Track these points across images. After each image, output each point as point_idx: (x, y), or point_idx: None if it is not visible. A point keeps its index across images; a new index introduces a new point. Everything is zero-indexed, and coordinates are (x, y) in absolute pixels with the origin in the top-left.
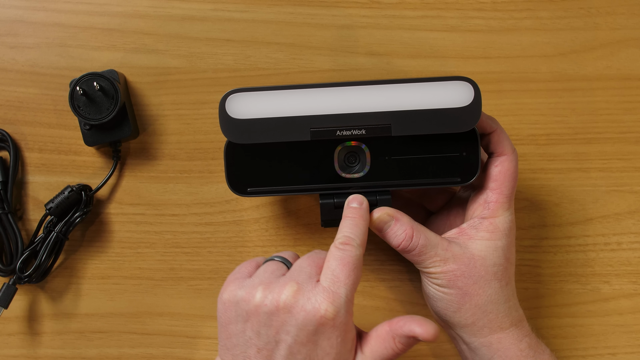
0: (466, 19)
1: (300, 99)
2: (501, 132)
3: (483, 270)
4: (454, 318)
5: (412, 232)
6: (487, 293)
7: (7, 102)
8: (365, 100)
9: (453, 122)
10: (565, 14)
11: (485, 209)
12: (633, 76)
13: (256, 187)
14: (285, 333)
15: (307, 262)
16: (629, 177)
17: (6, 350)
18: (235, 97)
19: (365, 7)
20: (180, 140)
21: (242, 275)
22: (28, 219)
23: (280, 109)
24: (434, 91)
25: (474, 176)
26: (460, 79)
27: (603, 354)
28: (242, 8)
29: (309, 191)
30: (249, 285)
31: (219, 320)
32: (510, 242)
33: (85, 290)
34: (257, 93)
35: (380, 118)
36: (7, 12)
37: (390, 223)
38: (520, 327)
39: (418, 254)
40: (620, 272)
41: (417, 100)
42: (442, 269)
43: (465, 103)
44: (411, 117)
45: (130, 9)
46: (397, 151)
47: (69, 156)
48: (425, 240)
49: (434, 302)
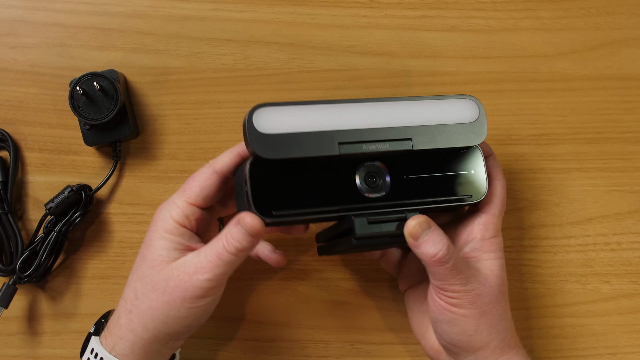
0: (466, 19)
1: (326, 114)
2: (495, 159)
3: (496, 289)
4: (469, 341)
5: (448, 243)
6: (498, 312)
7: (7, 102)
8: (387, 115)
9: (466, 136)
10: (565, 14)
11: (484, 230)
12: (633, 76)
13: (281, 211)
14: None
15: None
16: (629, 177)
17: (6, 350)
18: (261, 111)
19: (365, 7)
20: (180, 140)
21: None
22: (28, 219)
23: (308, 124)
24: (446, 108)
25: (483, 193)
26: (466, 96)
27: (603, 354)
28: (242, 8)
29: (336, 212)
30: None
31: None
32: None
33: (85, 290)
34: (283, 108)
35: (402, 132)
36: (7, 12)
37: (429, 231)
38: (522, 348)
39: (451, 267)
40: (620, 272)
41: (433, 116)
42: (465, 287)
43: (474, 118)
44: (430, 132)
45: (130, 9)
46: (413, 170)
47: (69, 156)
48: (458, 255)
49: (447, 327)
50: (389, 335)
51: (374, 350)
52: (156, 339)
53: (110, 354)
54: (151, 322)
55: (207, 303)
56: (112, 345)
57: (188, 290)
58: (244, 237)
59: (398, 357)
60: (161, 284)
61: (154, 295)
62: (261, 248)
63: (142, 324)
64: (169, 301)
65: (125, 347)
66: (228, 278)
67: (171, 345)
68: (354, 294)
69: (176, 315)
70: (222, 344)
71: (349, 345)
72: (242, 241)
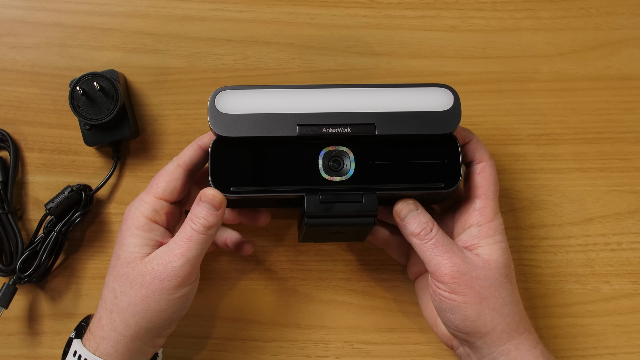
0: (466, 19)
1: (288, 97)
2: (477, 141)
3: (497, 272)
4: (474, 327)
5: (433, 223)
6: (502, 296)
7: (7, 102)
8: (352, 101)
9: (434, 124)
10: (565, 14)
11: (479, 216)
12: (633, 76)
13: (239, 187)
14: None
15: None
16: (629, 177)
17: (6, 350)
18: (224, 93)
19: (365, 7)
20: (180, 140)
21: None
22: (28, 219)
23: (269, 106)
24: (416, 96)
25: (457, 182)
26: (441, 85)
27: (603, 354)
28: (242, 8)
29: (292, 192)
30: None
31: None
32: (507, 242)
33: (85, 290)
34: (246, 91)
35: (365, 117)
36: (7, 12)
37: (415, 212)
38: (532, 333)
39: (435, 243)
40: (620, 272)
41: (401, 103)
42: (458, 269)
43: (446, 107)
44: (395, 118)
45: (130, 9)
46: (381, 156)
47: (69, 156)
48: (443, 234)
49: (451, 315)
50: (389, 335)
51: (374, 350)
52: (138, 336)
53: (94, 354)
54: (132, 319)
55: (185, 293)
56: (96, 346)
57: (165, 281)
58: (208, 212)
59: (398, 357)
60: (137, 279)
61: (132, 291)
62: (229, 236)
63: (123, 321)
64: (148, 295)
65: (109, 346)
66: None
67: (153, 342)
68: (353, 293)
69: (156, 309)
70: (222, 344)
71: (349, 345)
72: (207, 217)
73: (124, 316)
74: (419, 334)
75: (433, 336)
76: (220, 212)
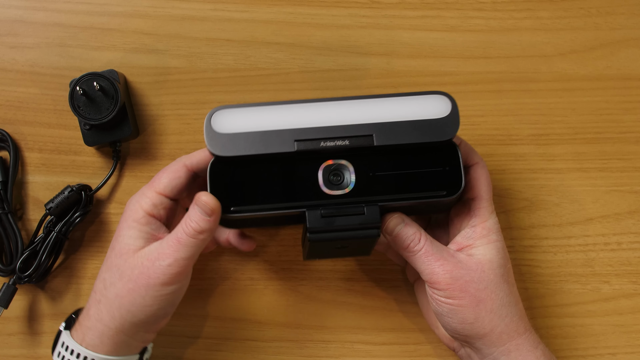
0: (466, 19)
1: (284, 113)
2: (466, 144)
3: (492, 274)
4: (472, 330)
5: (420, 234)
6: (499, 297)
7: (7, 102)
8: (348, 113)
9: (433, 132)
10: (565, 14)
11: (473, 216)
12: (633, 76)
13: (240, 207)
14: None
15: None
16: (629, 177)
17: (6, 350)
18: (220, 113)
19: (365, 7)
20: (180, 140)
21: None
22: (28, 219)
23: (266, 123)
24: (413, 104)
25: (459, 189)
26: (438, 93)
27: (603, 354)
28: (242, 8)
29: (293, 208)
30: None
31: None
32: (504, 242)
33: (85, 290)
34: (241, 109)
35: (362, 129)
36: (7, 12)
37: (402, 225)
38: (533, 333)
39: (425, 253)
40: (620, 272)
41: (398, 112)
42: (451, 275)
43: (443, 114)
44: (392, 128)
45: (130, 9)
46: (381, 167)
47: (69, 156)
48: (432, 242)
49: (448, 319)
50: (389, 335)
51: (374, 350)
52: (123, 329)
53: (81, 345)
54: (117, 311)
55: (172, 292)
56: (82, 337)
57: (151, 277)
58: (201, 217)
59: (398, 357)
60: (127, 272)
61: (121, 283)
62: (231, 234)
63: (109, 313)
64: (134, 288)
65: (94, 337)
66: (193, 265)
67: (140, 337)
68: (354, 294)
69: (141, 304)
70: (222, 344)
71: (349, 345)
72: (199, 222)
73: (110, 308)
74: (419, 334)
75: (433, 336)
76: (212, 219)
